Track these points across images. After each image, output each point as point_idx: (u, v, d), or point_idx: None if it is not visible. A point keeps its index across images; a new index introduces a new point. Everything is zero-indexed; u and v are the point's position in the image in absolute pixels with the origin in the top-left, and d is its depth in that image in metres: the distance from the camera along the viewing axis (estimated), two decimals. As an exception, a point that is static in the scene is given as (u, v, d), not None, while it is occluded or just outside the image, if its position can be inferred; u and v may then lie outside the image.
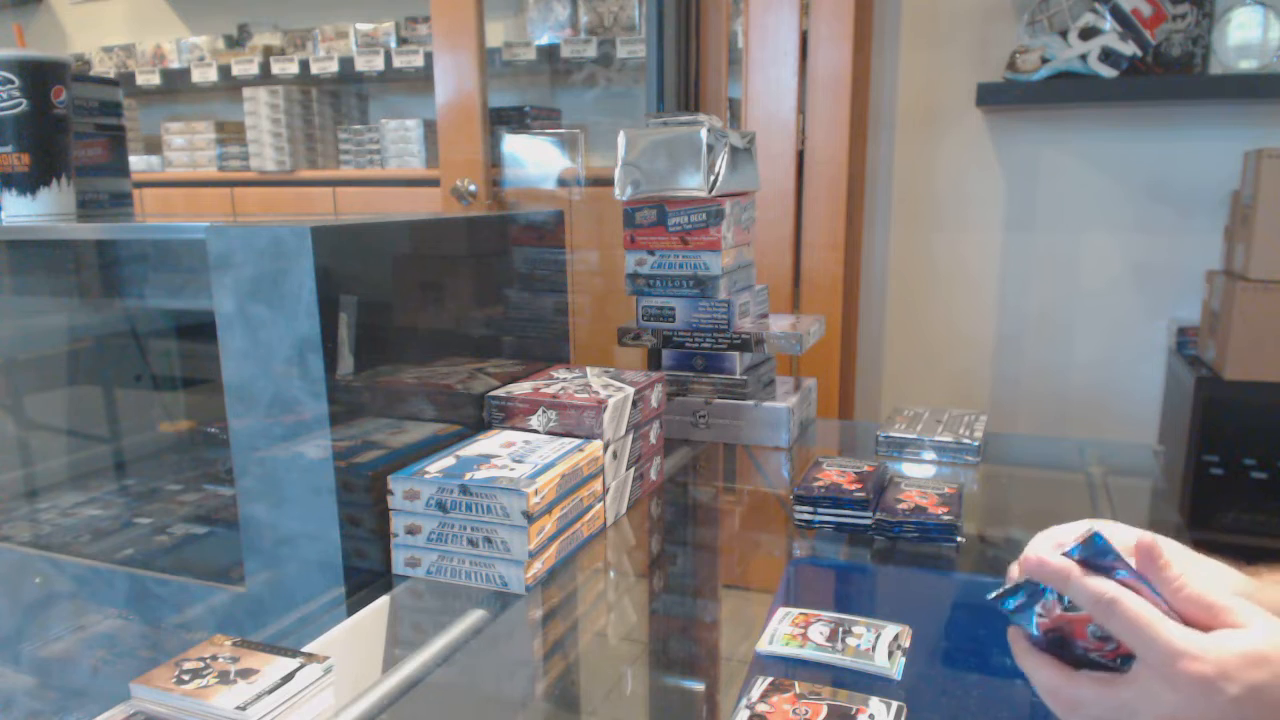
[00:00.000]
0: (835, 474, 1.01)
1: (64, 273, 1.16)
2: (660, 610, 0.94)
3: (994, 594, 0.57)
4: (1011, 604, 0.57)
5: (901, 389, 2.61)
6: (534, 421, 0.99)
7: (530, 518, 0.80)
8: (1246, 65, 2.12)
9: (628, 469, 1.02)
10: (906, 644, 0.72)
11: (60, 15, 3.95)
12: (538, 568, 0.83)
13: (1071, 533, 0.60)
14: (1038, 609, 0.56)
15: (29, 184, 1.02)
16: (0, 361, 1.23)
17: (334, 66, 3.23)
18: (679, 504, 1.15)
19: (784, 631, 0.75)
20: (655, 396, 1.08)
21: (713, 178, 1.17)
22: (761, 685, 0.65)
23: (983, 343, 2.51)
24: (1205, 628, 0.51)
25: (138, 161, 3.52)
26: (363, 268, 0.85)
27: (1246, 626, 0.50)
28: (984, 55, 2.37)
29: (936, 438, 1.20)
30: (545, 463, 0.87)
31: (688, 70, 1.85)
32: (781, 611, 0.78)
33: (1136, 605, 0.51)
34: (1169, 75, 2.18)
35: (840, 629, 0.74)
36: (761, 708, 0.62)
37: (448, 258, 1.01)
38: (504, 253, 1.11)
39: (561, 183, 2.73)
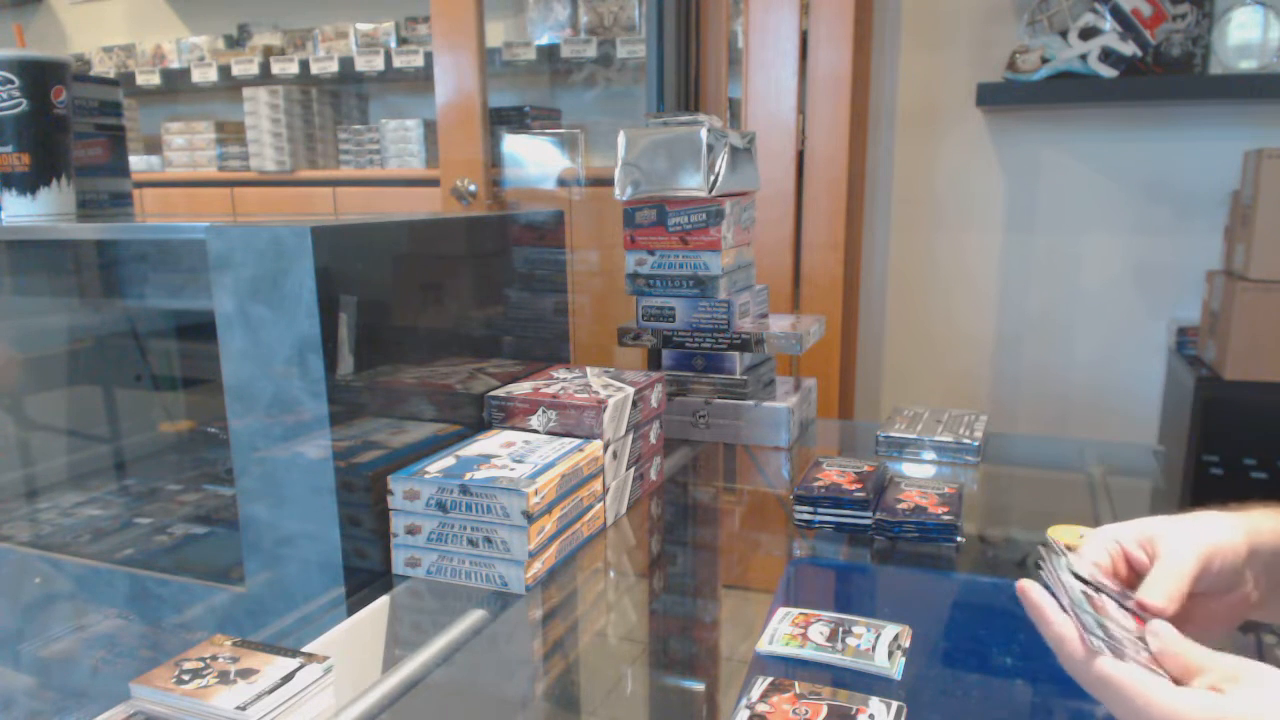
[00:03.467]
0: (835, 474, 1.01)
1: (64, 273, 1.16)
2: (660, 610, 0.94)
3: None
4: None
5: (901, 389, 2.61)
6: (534, 421, 0.99)
7: (530, 518, 0.80)
8: (1246, 65, 2.12)
9: (628, 469, 1.02)
10: (906, 644, 0.72)
11: (60, 15, 3.95)
12: (538, 568, 0.83)
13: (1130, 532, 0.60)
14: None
15: (29, 184, 1.02)
16: (1, 361, 1.23)
17: (334, 66, 3.23)
18: (679, 504, 1.15)
19: (784, 631, 0.75)
20: (655, 396, 1.08)
21: (713, 178, 1.17)
22: (761, 685, 0.65)
23: (983, 343, 2.51)
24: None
25: (138, 161, 3.52)
26: (363, 268, 0.85)
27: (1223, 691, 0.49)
28: (984, 55, 2.37)
29: (936, 438, 1.20)
30: (545, 463, 0.87)
31: (688, 70, 1.85)
32: (781, 611, 0.78)
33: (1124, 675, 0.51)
34: (1169, 75, 2.19)
35: (840, 629, 0.74)
36: (761, 708, 0.62)
37: (448, 258, 1.01)
38: (504, 253, 1.11)
39: (561, 183, 2.73)
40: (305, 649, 0.68)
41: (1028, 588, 0.56)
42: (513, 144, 2.73)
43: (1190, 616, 0.60)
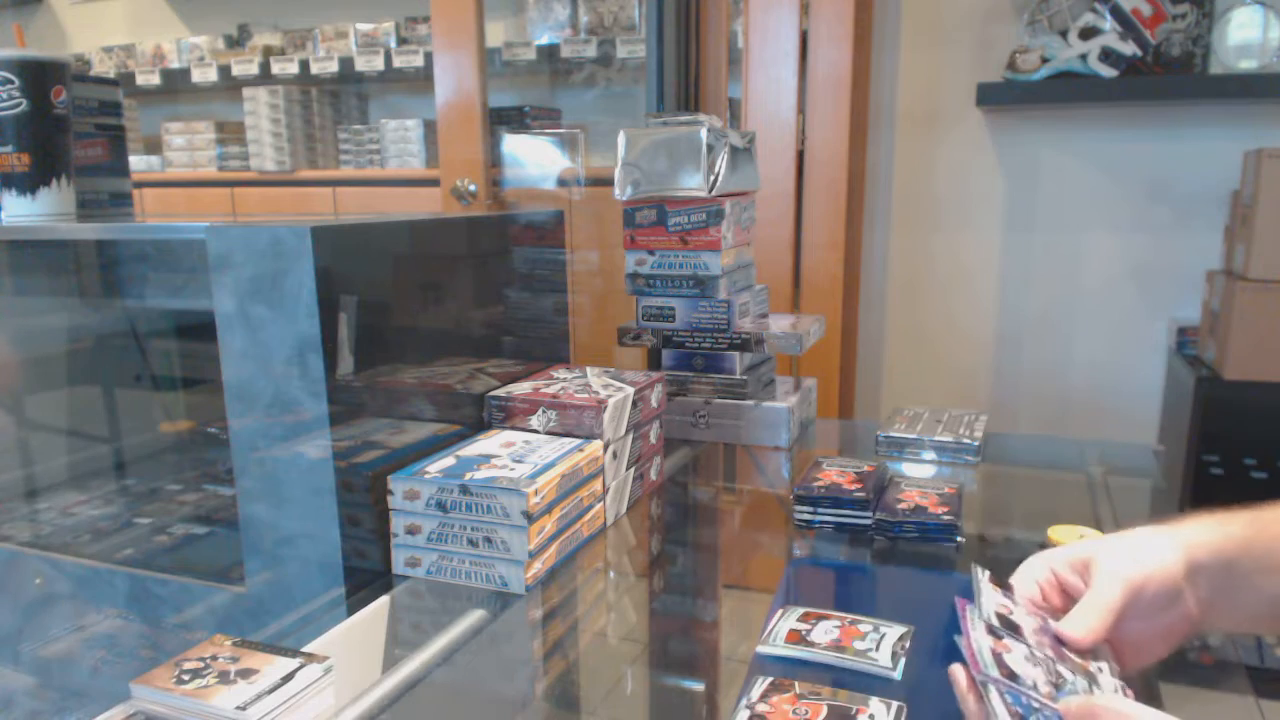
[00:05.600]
0: (835, 474, 1.01)
1: (64, 273, 1.16)
2: (660, 610, 0.94)
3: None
4: None
5: (901, 389, 2.61)
6: (534, 421, 0.99)
7: (530, 518, 0.80)
8: (1246, 65, 2.12)
9: (628, 469, 1.02)
10: (907, 644, 0.72)
11: (60, 15, 3.95)
12: (538, 568, 0.83)
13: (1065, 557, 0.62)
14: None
15: (29, 184, 1.02)
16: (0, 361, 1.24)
17: (334, 66, 3.23)
18: (679, 504, 1.15)
19: (788, 628, 0.75)
20: (655, 396, 1.08)
21: (713, 178, 1.17)
22: (761, 685, 0.65)
23: (983, 343, 2.51)
24: None
25: (138, 161, 3.52)
26: (363, 268, 0.85)
27: None
28: (984, 55, 2.37)
29: (936, 438, 1.20)
30: (545, 463, 0.87)
31: (688, 70, 1.85)
32: (787, 609, 0.78)
33: None
34: (1169, 75, 2.18)
35: (844, 631, 0.74)
36: (761, 708, 0.62)
37: (448, 258, 1.01)
38: (504, 253, 1.11)
39: (561, 183, 2.73)
40: (305, 649, 0.68)
41: (957, 672, 0.57)
42: (513, 144, 2.73)
43: (1127, 640, 0.61)
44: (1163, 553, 0.61)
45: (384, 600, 0.83)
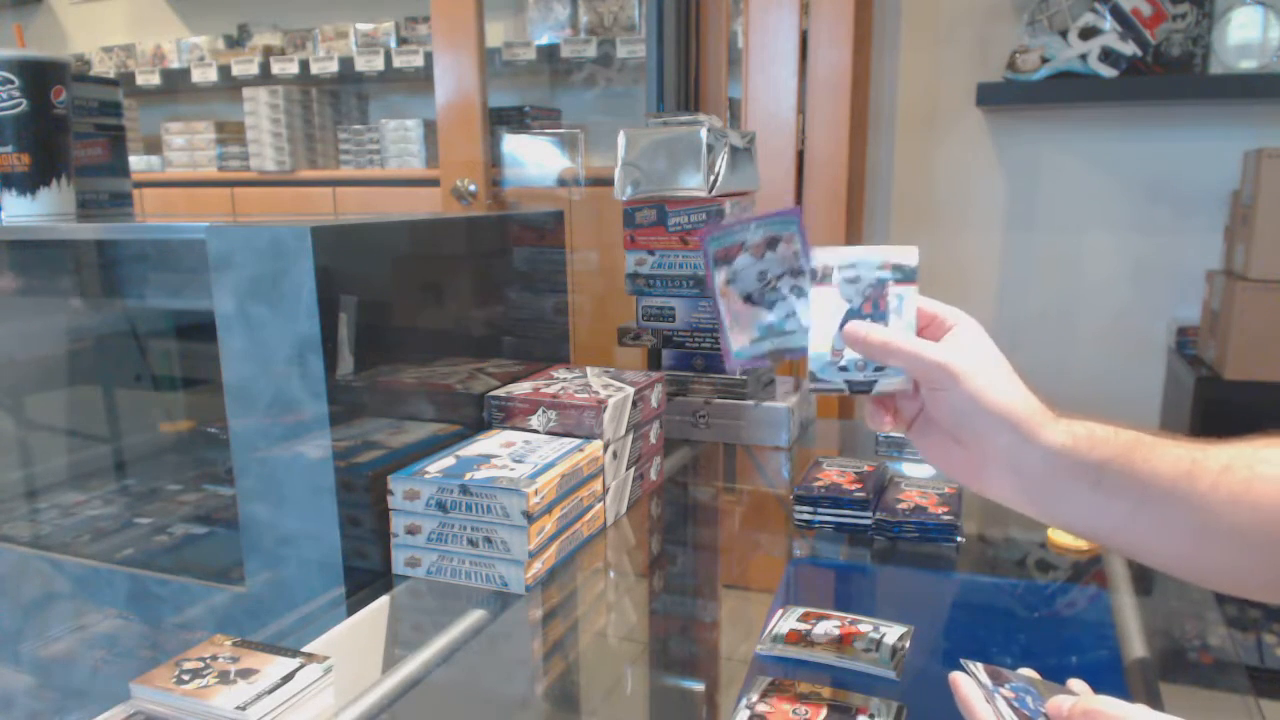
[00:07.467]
0: (835, 474, 1.01)
1: (64, 273, 1.16)
2: (660, 610, 0.94)
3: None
4: None
5: (901, 389, 2.60)
6: (534, 421, 0.99)
7: (530, 518, 0.80)
8: (1246, 65, 2.12)
9: (628, 469, 1.02)
10: (907, 644, 0.72)
11: (60, 15, 3.95)
12: (538, 568, 0.83)
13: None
14: None
15: (29, 184, 1.02)
16: (0, 361, 1.23)
17: (334, 66, 3.23)
18: (679, 504, 1.15)
19: (789, 628, 0.75)
20: (655, 396, 1.08)
21: (713, 178, 1.17)
22: (761, 685, 0.65)
23: (983, 343, 2.51)
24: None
25: (138, 161, 3.52)
26: (363, 268, 0.85)
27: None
28: (984, 55, 2.37)
29: (936, 438, 1.20)
30: (545, 463, 0.87)
31: (688, 70, 1.85)
32: (787, 609, 0.78)
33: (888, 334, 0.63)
34: (1169, 75, 2.19)
35: (844, 631, 0.74)
36: (761, 708, 0.62)
37: (448, 258, 1.01)
38: (504, 253, 1.11)
39: (561, 183, 2.73)
40: (305, 649, 0.68)
41: (958, 680, 0.58)
42: (513, 144, 2.73)
43: (925, 420, 0.65)
44: (1030, 399, 0.60)
45: (384, 600, 0.83)
